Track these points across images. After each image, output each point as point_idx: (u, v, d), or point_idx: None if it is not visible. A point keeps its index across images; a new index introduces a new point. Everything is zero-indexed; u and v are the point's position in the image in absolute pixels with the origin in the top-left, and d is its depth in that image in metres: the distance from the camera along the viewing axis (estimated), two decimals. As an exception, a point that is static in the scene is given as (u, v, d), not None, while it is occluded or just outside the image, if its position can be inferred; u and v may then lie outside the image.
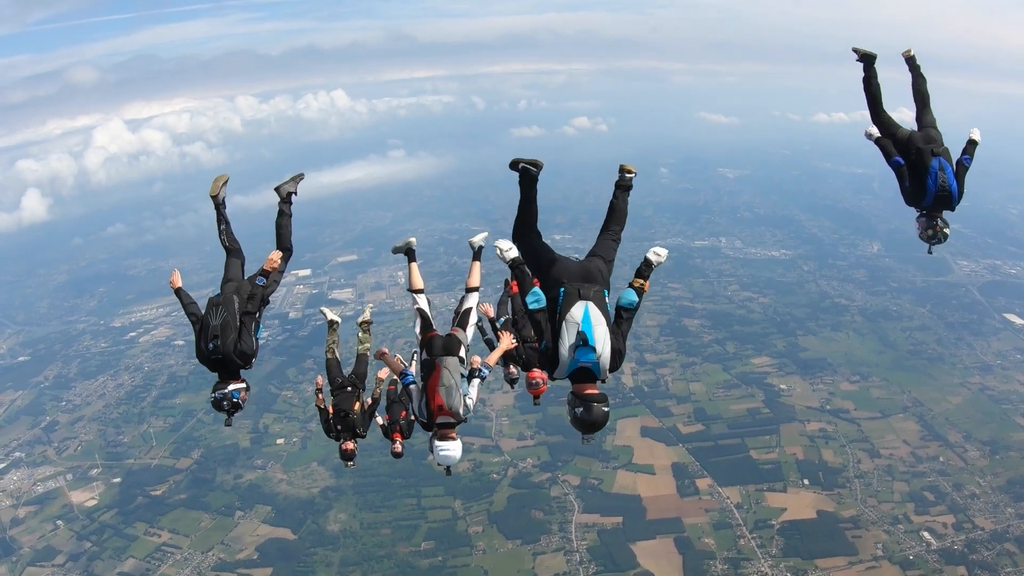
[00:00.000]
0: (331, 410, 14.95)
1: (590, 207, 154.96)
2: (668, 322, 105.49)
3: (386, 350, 13.26)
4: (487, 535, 66.84)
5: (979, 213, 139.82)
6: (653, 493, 71.22)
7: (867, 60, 12.53)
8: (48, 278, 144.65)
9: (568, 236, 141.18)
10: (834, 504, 70.12)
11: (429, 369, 11.26)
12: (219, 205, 11.80)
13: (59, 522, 72.19)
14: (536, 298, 8.71)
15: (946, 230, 11.36)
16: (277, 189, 12.32)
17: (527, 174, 9.28)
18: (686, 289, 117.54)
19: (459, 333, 12.29)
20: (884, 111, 12.36)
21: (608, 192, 8.97)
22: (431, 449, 11.05)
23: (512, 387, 15.94)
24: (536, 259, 9.37)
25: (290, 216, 12.30)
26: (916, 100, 12.35)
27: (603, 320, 8.50)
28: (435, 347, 11.70)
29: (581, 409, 8.31)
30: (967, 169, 11.37)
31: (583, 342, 8.26)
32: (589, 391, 8.36)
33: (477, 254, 14.07)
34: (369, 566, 64.54)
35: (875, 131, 12.21)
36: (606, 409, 8.34)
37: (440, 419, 10.92)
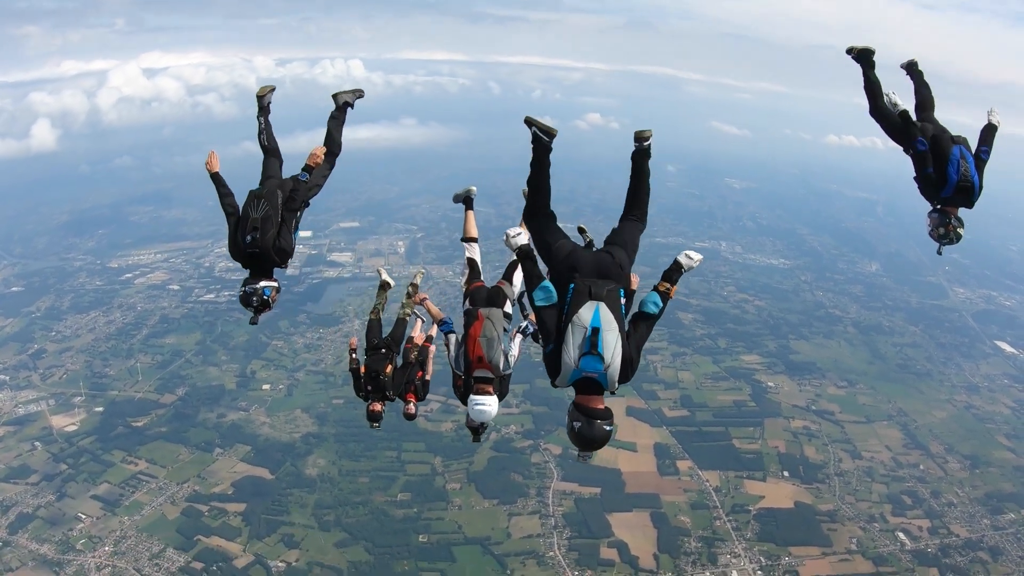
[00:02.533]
0: (363, 370, 14.39)
1: (595, 202, 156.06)
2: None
3: (426, 296, 13.26)
4: (464, 492, 67.01)
5: (980, 247, 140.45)
6: (633, 469, 71.43)
7: (864, 56, 11.68)
8: (49, 216, 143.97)
9: (569, 225, 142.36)
10: (812, 497, 70.51)
11: (471, 319, 11.01)
12: (263, 107, 11.40)
13: (37, 443, 72.23)
14: (546, 294, 7.93)
15: (960, 230, 10.46)
16: (335, 96, 11.80)
17: (539, 142, 8.79)
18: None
19: (506, 287, 12.11)
20: (883, 101, 11.41)
21: (616, 189, 8.43)
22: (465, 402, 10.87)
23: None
24: (546, 245, 8.57)
25: (342, 122, 11.73)
26: (918, 105, 11.58)
27: (615, 325, 7.62)
28: (479, 297, 11.65)
29: (581, 424, 7.60)
30: (986, 162, 10.58)
31: (590, 349, 7.45)
32: (593, 405, 7.62)
33: (469, 204, 14.21)
34: (344, 511, 64.60)
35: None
36: (609, 428, 7.66)
37: (478, 372, 10.62)
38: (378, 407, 14.10)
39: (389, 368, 14.22)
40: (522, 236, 8.29)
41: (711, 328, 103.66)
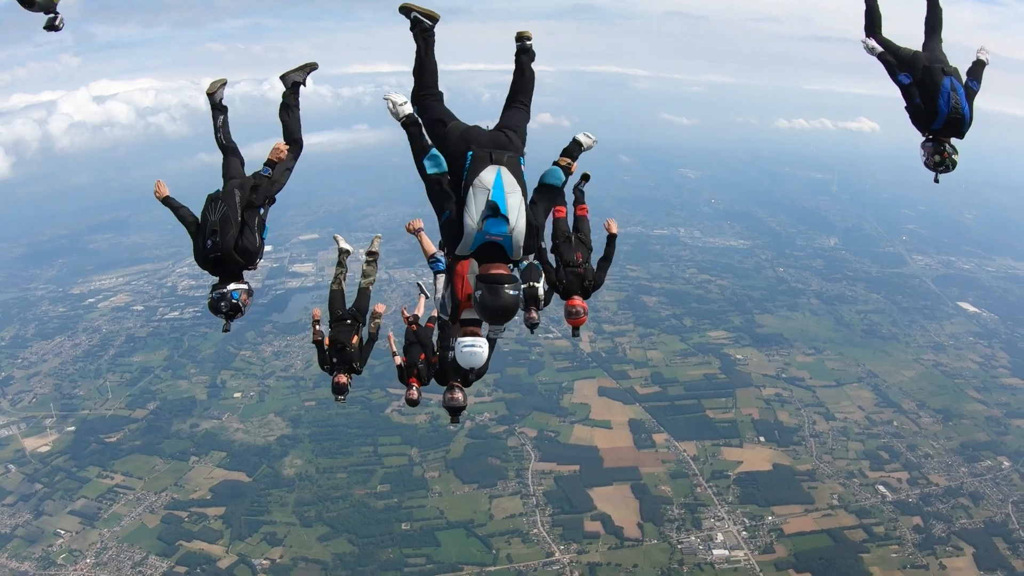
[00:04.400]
0: (328, 342, 14.20)
1: None
2: (626, 298, 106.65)
3: (421, 225, 12.44)
4: (443, 480, 67.24)
5: (936, 216, 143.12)
6: (610, 445, 72.11)
7: None
8: (7, 250, 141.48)
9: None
10: (790, 459, 71.87)
11: (459, 257, 9.69)
12: (215, 105, 10.96)
13: (10, 466, 71.43)
14: (435, 162, 7.54)
15: (955, 156, 10.16)
16: (283, 77, 11.23)
17: (420, 25, 8.32)
18: (644, 271, 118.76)
19: None
20: (881, 34, 11.09)
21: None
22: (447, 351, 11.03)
23: (532, 332, 13.12)
24: (438, 124, 8.07)
25: (297, 107, 11.23)
26: (927, 27, 11.14)
27: (518, 188, 7.33)
28: None
29: (482, 292, 7.22)
30: (976, 94, 10.32)
31: (494, 211, 7.08)
32: (496, 271, 7.27)
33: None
34: (324, 506, 64.67)
35: (875, 44, 10.85)
36: (514, 293, 7.24)
37: (466, 313, 10.19)
38: (344, 379, 13.97)
39: (355, 339, 14.15)
40: (407, 105, 7.82)
41: (676, 309, 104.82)
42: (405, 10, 8.31)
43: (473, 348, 9.30)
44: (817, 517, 64.81)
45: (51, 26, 10.02)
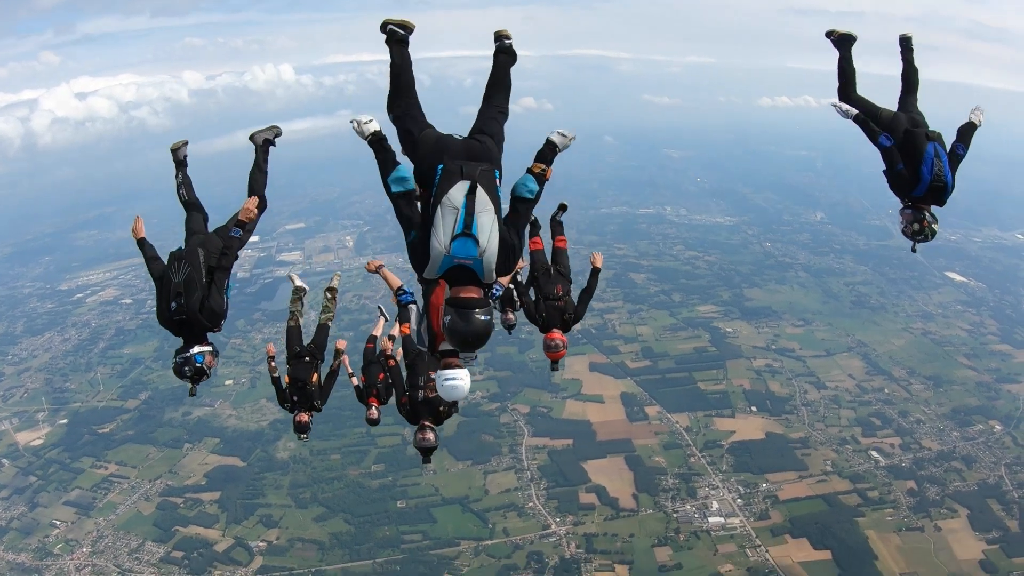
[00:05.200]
0: (287, 379, 13.92)
1: None
2: (614, 276, 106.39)
3: (382, 263, 12.41)
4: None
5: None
6: (602, 419, 72.39)
7: (844, 42, 11.16)
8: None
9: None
10: (782, 427, 72.41)
11: (431, 285, 10.16)
12: (179, 162, 10.86)
13: (4, 460, 71.52)
14: (400, 180, 7.02)
15: (935, 226, 9.86)
16: (252, 137, 11.11)
17: (394, 36, 7.85)
18: (631, 249, 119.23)
19: None
20: (857, 93, 10.95)
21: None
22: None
23: (509, 333, 14.44)
24: (410, 133, 7.51)
25: (264, 166, 11.02)
26: (903, 82, 11.05)
27: (490, 206, 6.75)
28: None
29: (452, 317, 6.70)
30: (962, 159, 10.04)
31: (463, 231, 6.57)
32: (467, 295, 6.74)
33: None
34: (319, 488, 64.84)
35: (849, 107, 10.48)
36: (486, 318, 6.75)
37: (445, 344, 9.62)
38: (305, 417, 13.82)
39: (315, 377, 13.93)
40: (373, 123, 7.31)
41: (664, 285, 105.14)
42: (382, 26, 7.92)
43: (454, 381, 8.89)
44: (811, 483, 65.40)
45: None
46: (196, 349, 9.40)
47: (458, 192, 6.61)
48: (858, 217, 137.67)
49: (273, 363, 14.41)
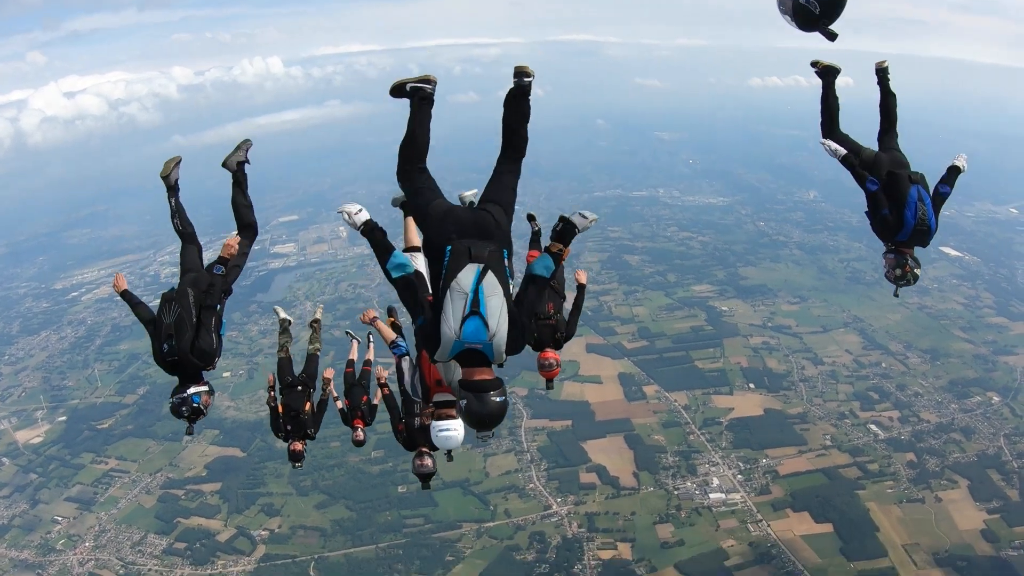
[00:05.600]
0: (280, 409, 14.22)
1: (529, 166, 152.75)
2: (609, 258, 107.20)
3: (376, 314, 12.29)
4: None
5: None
6: (601, 399, 72.53)
7: (828, 74, 11.08)
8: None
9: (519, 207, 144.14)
10: (781, 403, 72.70)
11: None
12: (171, 187, 10.64)
13: (4, 459, 71.47)
14: (400, 266, 6.96)
15: (917, 271, 9.88)
16: (225, 164, 10.96)
17: (421, 93, 7.63)
18: (625, 231, 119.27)
19: None
20: (840, 130, 11.01)
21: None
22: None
23: None
24: (419, 205, 7.61)
25: (245, 189, 11.03)
26: (882, 117, 10.98)
27: (499, 289, 6.76)
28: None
29: (468, 401, 6.71)
30: (944, 201, 10.06)
31: (472, 310, 6.59)
32: (480, 377, 6.76)
33: (407, 211, 12.77)
34: (320, 475, 64.82)
35: (838, 147, 10.47)
36: (501, 399, 6.77)
37: (438, 396, 9.92)
38: (299, 446, 14.06)
39: (308, 406, 14.20)
40: (363, 213, 7.25)
41: (659, 266, 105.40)
42: (399, 88, 7.73)
43: (448, 432, 9.29)
44: (811, 457, 65.72)
45: None
46: (192, 390, 9.58)
47: (467, 276, 6.65)
48: (851, 195, 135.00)
49: (273, 392, 14.59)
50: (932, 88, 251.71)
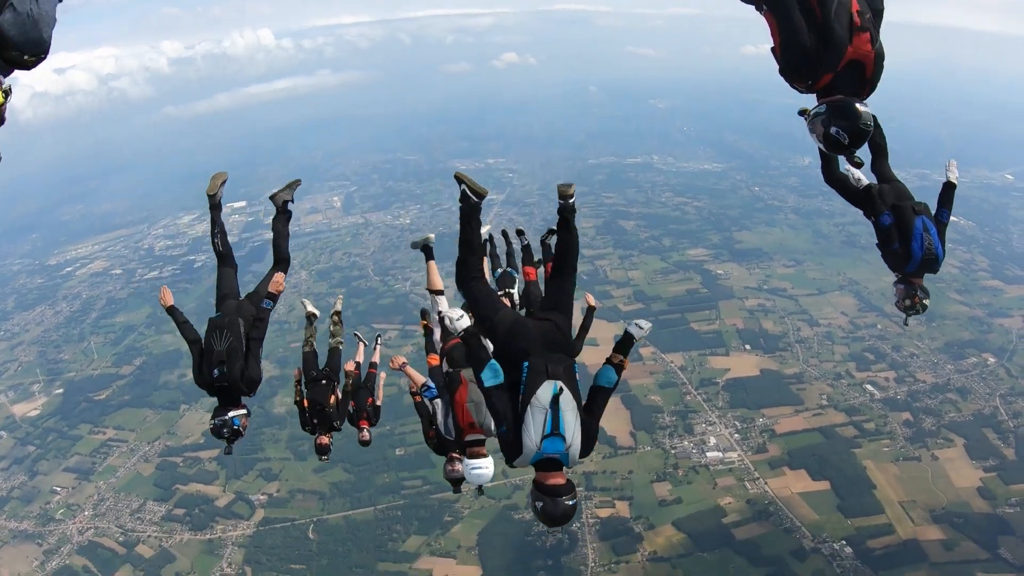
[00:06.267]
0: (306, 403, 14.42)
1: (523, 135, 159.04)
2: (604, 224, 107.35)
3: (404, 360, 12.33)
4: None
5: (910, 133, 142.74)
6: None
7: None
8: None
9: (502, 160, 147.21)
10: (777, 364, 72.86)
11: (455, 383, 10.66)
12: (215, 206, 11.05)
13: (1, 432, 71.70)
14: (494, 375, 7.28)
15: (926, 301, 10.01)
16: (272, 198, 11.69)
17: (467, 201, 8.11)
18: (620, 197, 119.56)
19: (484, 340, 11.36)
20: (838, 167, 11.07)
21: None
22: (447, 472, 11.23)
23: None
24: (486, 317, 7.88)
25: (287, 230, 11.80)
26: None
27: (574, 404, 7.07)
28: (458, 358, 11.05)
29: (544, 504, 7.01)
30: (947, 225, 10.07)
31: (552, 430, 6.91)
32: (554, 481, 7.03)
33: (429, 254, 13.54)
34: (317, 440, 64.78)
35: (862, 177, 10.60)
36: (572, 503, 7.04)
37: (470, 436, 10.40)
38: (326, 440, 14.25)
39: (333, 399, 14.28)
40: (463, 319, 7.58)
41: (654, 231, 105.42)
42: (458, 179, 8.17)
43: (480, 470, 9.95)
44: (807, 417, 66.00)
45: None
46: (232, 413, 9.90)
47: (545, 393, 6.94)
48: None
49: (299, 387, 14.68)
50: (923, 55, 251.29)
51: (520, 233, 14.83)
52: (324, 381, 14.42)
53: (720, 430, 64.36)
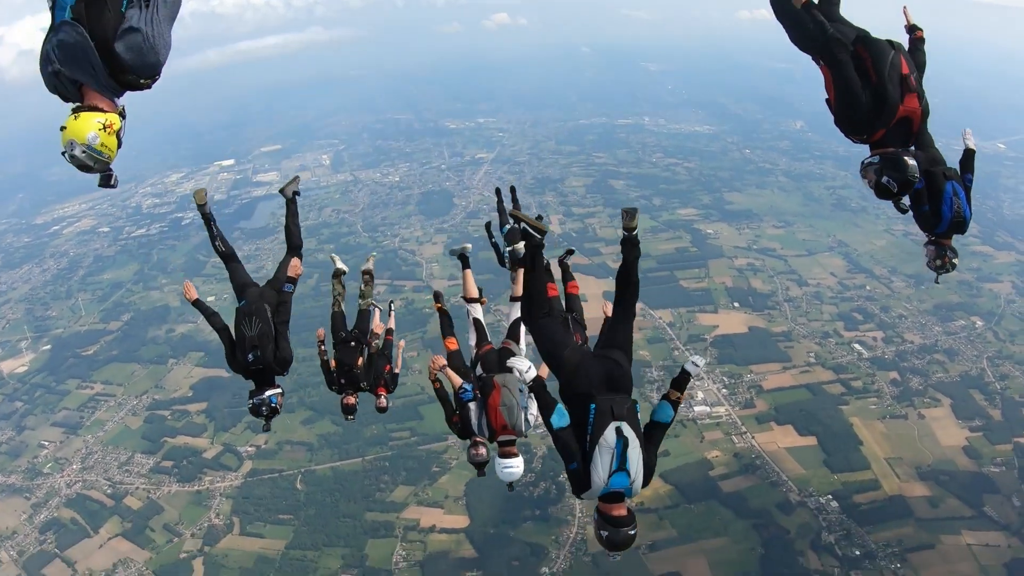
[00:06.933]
0: (333, 363, 14.46)
1: (514, 95, 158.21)
2: (594, 183, 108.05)
3: (444, 362, 12.64)
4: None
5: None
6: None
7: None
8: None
9: (492, 119, 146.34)
10: (765, 322, 73.22)
11: (488, 388, 11.06)
12: (207, 215, 11.33)
13: (-11, 389, 71.29)
14: (561, 418, 7.76)
15: (955, 260, 10.03)
16: (282, 191, 12.33)
17: (531, 240, 8.89)
18: (611, 157, 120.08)
19: (513, 346, 12.33)
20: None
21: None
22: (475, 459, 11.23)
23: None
24: (552, 356, 8.58)
25: (297, 215, 12.27)
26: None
27: (636, 441, 7.65)
28: (491, 362, 11.73)
29: (609, 532, 7.53)
30: (971, 186, 10.10)
31: (619, 467, 7.47)
32: (618, 513, 7.54)
33: (520, 260, 12.85)
34: (306, 392, 64.34)
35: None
36: (632, 532, 7.53)
37: (502, 437, 10.79)
38: (352, 400, 14.36)
39: (360, 360, 14.44)
40: (532, 370, 8.06)
41: (644, 190, 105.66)
42: (515, 218, 8.99)
43: (511, 468, 10.51)
44: (795, 374, 66.34)
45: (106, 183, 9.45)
46: (269, 392, 10.45)
47: (612, 434, 7.45)
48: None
49: (323, 347, 14.66)
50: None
51: (570, 252, 15.08)
52: (353, 343, 14.59)
53: (708, 385, 64.52)
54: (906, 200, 9.33)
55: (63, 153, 6.69)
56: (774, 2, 9.36)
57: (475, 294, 13.87)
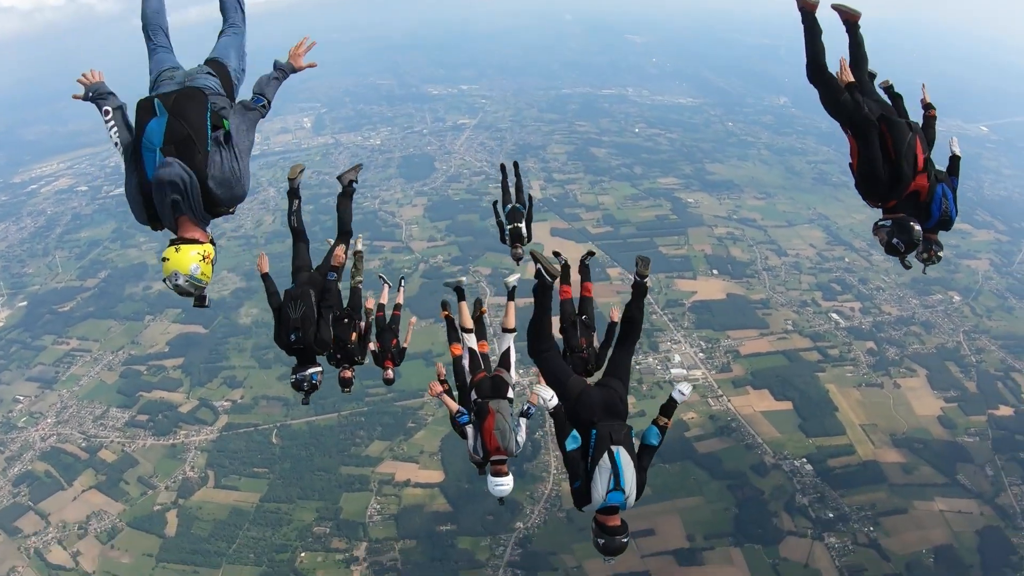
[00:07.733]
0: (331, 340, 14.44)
1: (496, 63, 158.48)
2: (576, 150, 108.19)
3: (440, 389, 12.67)
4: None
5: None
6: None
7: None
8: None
9: (475, 86, 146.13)
10: (743, 289, 73.71)
11: (483, 412, 11.76)
12: (293, 191, 12.35)
13: (-38, 348, 70.80)
14: (575, 442, 8.80)
15: (940, 253, 10.79)
16: (339, 178, 12.91)
17: (543, 280, 9.21)
18: (593, 126, 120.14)
19: (504, 374, 13.05)
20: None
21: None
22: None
23: (518, 264, 17.58)
24: (558, 383, 9.38)
25: (350, 202, 13.06)
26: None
27: (632, 463, 8.73)
28: (484, 389, 12.49)
29: (605, 540, 8.67)
30: (956, 189, 10.80)
31: (615, 486, 8.54)
32: (612, 523, 8.67)
33: (511, 294, 14.87)
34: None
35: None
36: (625, 540, 8.69)
37: (495, 457, 11.37)
38: (348, 373, 14.93)
39: (354, 335, 14.82)
40: (553, 400, 8.86)
41: (625, 159, 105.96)
42: (533, 257, 9.34)
43: (502, 486, 11.16)
44: (772, 340, 66.76)
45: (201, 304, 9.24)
46: (311, 370, 11.63)
47: (610, 457, 8.54)
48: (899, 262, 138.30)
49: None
50: (902, 9, 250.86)
51: (591, 254, 16.52)
52: (347, 319, 14.89)
53: (685, 349, 64.85)
54: (910, 258, 10.24)
55: (165, 280, 7.20)
56: (814, 70, 10.54)
57: (469, 325, 14.44)
